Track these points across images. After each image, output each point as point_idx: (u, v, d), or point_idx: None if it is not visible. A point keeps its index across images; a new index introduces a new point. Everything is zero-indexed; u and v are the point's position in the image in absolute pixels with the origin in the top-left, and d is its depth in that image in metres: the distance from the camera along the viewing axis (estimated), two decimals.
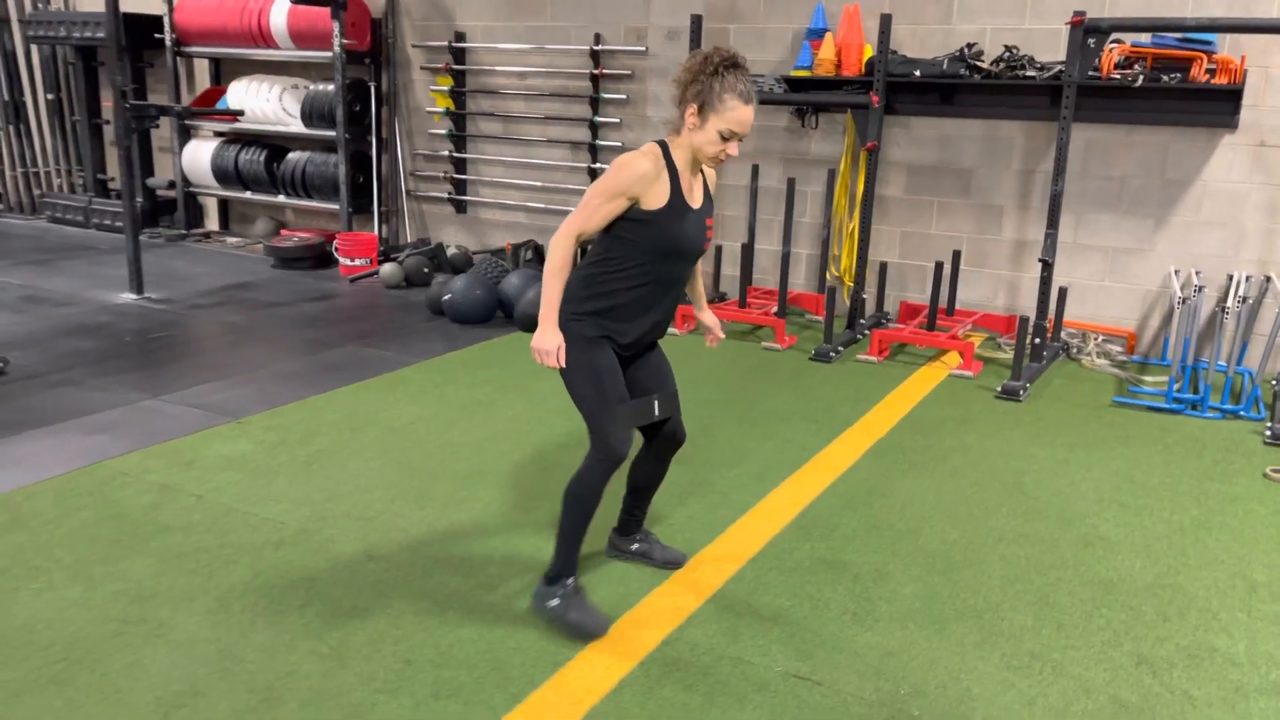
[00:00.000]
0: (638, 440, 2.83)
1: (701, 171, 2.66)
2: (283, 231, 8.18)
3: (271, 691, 2.38)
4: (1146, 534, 3.41)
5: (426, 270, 7.02)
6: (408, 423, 4.24)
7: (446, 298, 6.01)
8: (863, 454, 4.07)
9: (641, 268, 2.57)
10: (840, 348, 5.54)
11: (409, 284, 6.96)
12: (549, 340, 2.54)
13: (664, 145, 2.57)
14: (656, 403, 2.72)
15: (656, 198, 2.51)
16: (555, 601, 2.67)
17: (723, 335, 3.02)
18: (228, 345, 5.42)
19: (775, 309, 5.89)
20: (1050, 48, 5.56)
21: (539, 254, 7.13)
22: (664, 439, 2.86)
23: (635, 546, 3.06)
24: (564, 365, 2.56)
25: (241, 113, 7.64)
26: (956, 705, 2.42)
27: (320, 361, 5.12)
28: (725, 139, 2.49)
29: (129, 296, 6.30)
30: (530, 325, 5.82)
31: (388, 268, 6.94)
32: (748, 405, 4.65)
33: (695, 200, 2.61)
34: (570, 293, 2.59)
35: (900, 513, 3.51)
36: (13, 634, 2.57)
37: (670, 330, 5.88)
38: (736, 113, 2.46)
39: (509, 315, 6.05)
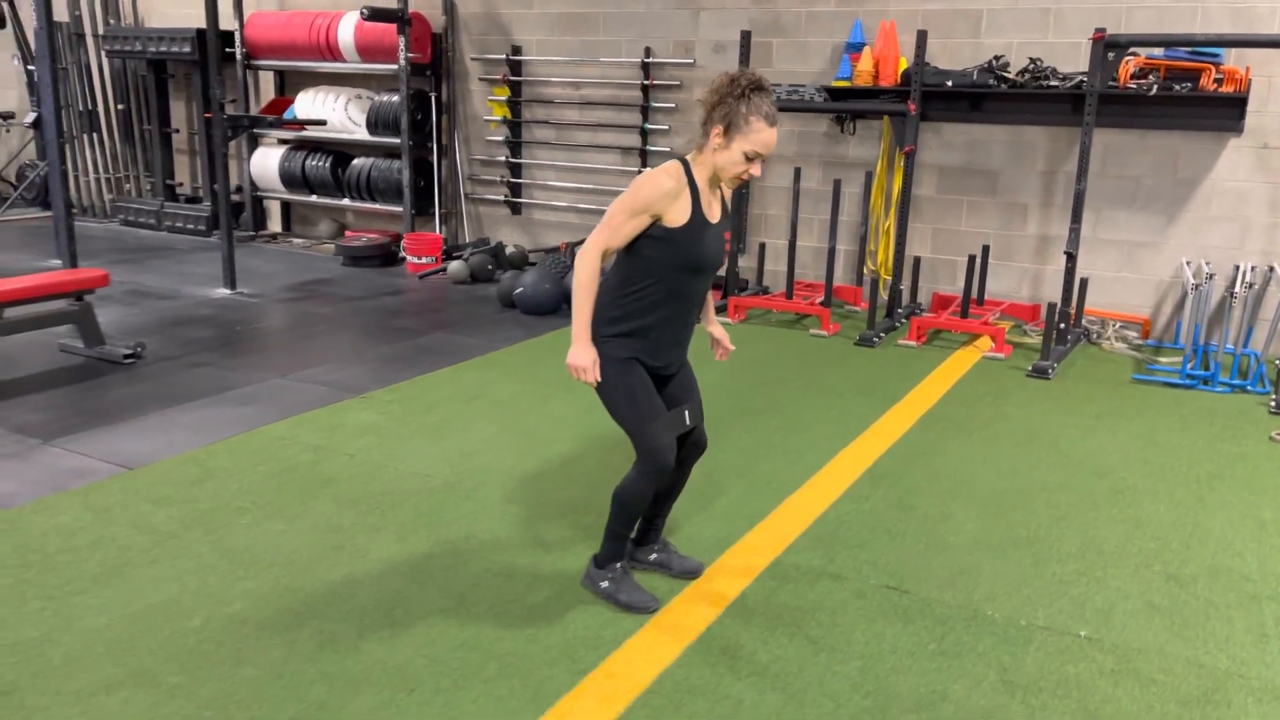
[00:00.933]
0: None
1: (720, 187, 2.73)
2: (347, 233, 8.73)
3: (463, 599, 2.92)
4: (1168, 484, 3.95)
5: (490, 267, 7.57)
6: (511, 396, 4.79)
7: (518, 291, 6.56)
8: (914, 422, 4.61)
9: (664, 284, 2.64)
10: (882, 334, 6.08)
11: (474, 280, 7.51)
12: (583, 356, 2.63)
13: (685, 163, 2.65)
14: (686, 412, 2.81)
15: (678, 215, 2.59)
16: (606, 583, 2.88)
17: (731, 348, 3.05)
18: (326, 333, 5.97)
19: (821, 299, 6.45)
20: (1071, 60, 6.11)
21: None
22: (690, 446, 2.92)
23: (653, 557, 3.09)
24: (600, 381, 2.66)
25: (323, 121, 8.19)
26: (1021, 607, 2.96)
27: (415, 347, 5.67)
28: (749, 159, 2.58)
29: (224, 291, 6.86)
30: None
31: (455, 265, 7.49)
32: (806, 382, 5.19)
33: (714, 216, 2.69)
34: (598, 313, 2.66)
35: (954, 468, 4.05)
36: (241, 555, 3.11)
37: (722, 319, 6.46)
38: (762, 135, 2.56)
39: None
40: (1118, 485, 3.92)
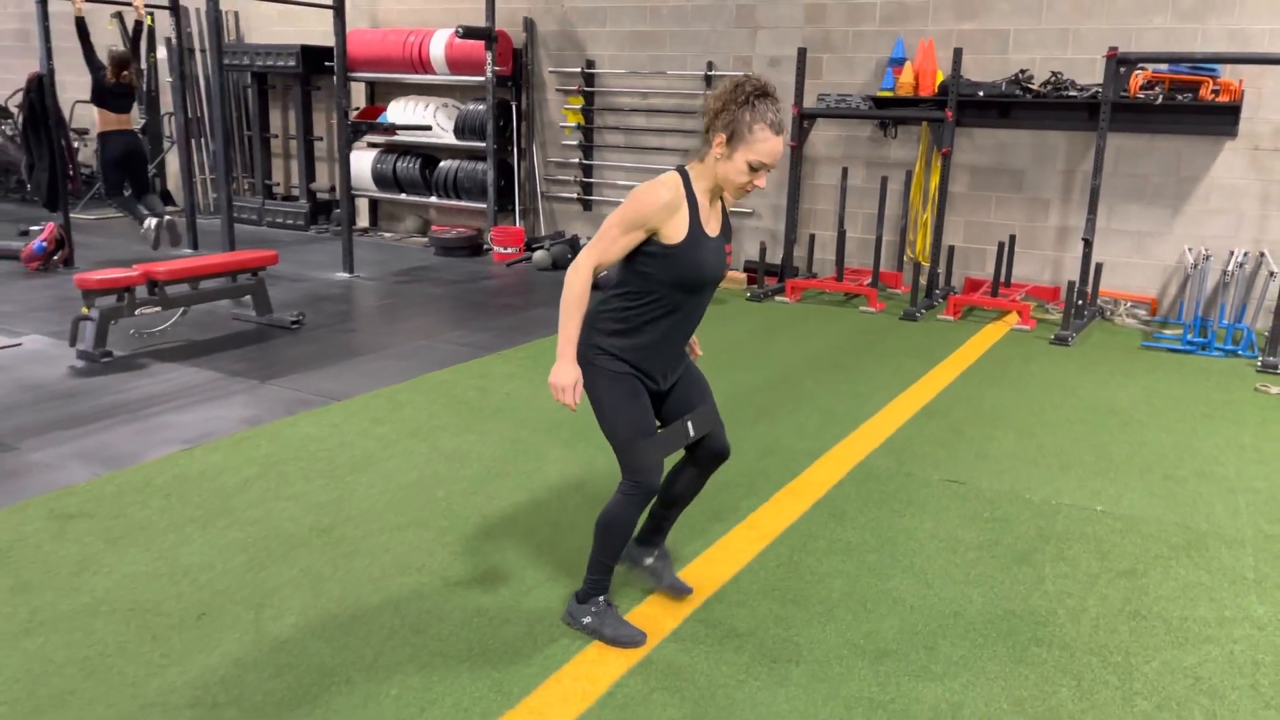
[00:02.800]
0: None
1: (721, 198, 2.59)
2: (433, 227, 9.72)
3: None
4: (1169, 420, 4.87)
5: (569, 256, 8.54)
6: None
7: (602, 274, 7.49)
8: (956, 376, 5.54)
9: (662, 300, 2.51)
10: (923, 310, 7.01)
11: (555, 267, 8.48)
12: (566, 375, 2.47)
13: (684, 173, 2.50)
14: (690, 424, 2.66)
15: (675, 230, 2.44)
16: (589, 619, 2.71)
17: (699, 352, 2.89)
18: (445, 308, 6.94)
19: (869, 280, 7.39)
20: (1088, 73, 7.04)
21: None
22: (707, 453, 2.78)
23: (649, 562, 2.97)
24: (591, 395, 2.55)
25: (429, 127, 9.20)
26: (1051, 494, 3.88)
27: (523, 318, 6.63)
28: (754, 170, 2.42)
29: (344, 274, 7.85)
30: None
31: (540, 253, 8.46)
32: (862, 348, 6.13)
33: (713, 229, 2.55)
34: (593, 325, 2.54)
35: (992, 407, 4.98)
36: (453, 455, 4.07)
37: (780, 299, 7.41)
38: (767, 144, 2.39)
39: None
40: (1127, 419, 4.84)
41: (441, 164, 9.61)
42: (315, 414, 4.52)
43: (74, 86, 11.96)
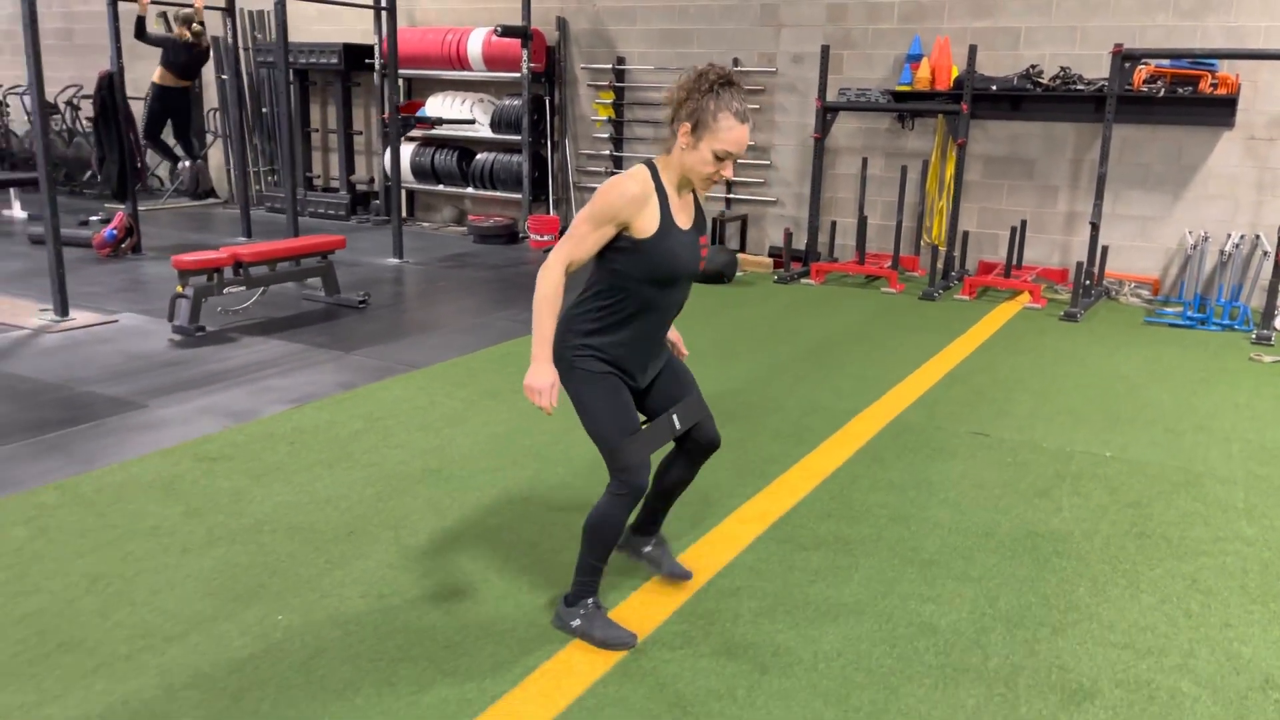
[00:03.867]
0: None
1: (692, 190, 2.57)
2: (470, 216, 10.20)
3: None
4: (1170, 384, 5.36)
5: None
6: (677, 325, 6.24)
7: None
8: (975, 348, 6.03)
9: (636, 296, 2.48)
10: (940, 290, 7.50)
11: None
12: (542, 378, 2.43)
13: (652, 166, 2.48)
14: (675, 417, 2.64)
15: (646, 223, 2.41)
16: (578, 621, 2.67)
17: (686, 353, 2.93)
18: (493, 290, 7.43)
19: (889, 263, 7.88)
20: (1094, 68, 7.51)
21: None
22: (696, 444, 2.77)
23: (648, 550, 3.00)
24: (553, 407, 2.46)
25: (473, 121, 9.70)
26: (1065, 443, 4.37)
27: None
28: (719, 159, 2.40)
29: (394, 260, 8.34)
30: (709, 279, 7.82)
31: None
32: (885, 324, 6.62)
33: (685, 221, 2.52)
34: (569, 326, 2.51)
35: (1009, 374, 5.47)
36: (531, 413, 4.56)
37: (806, 281, 7.91)
38: (732, 132, 2.37)
39: None
40: (1132, 384, 5.33)
41: (478, 156, 10.10)
42: (401, 379, 5.01)
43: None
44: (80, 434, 4.13)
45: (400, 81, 10.71)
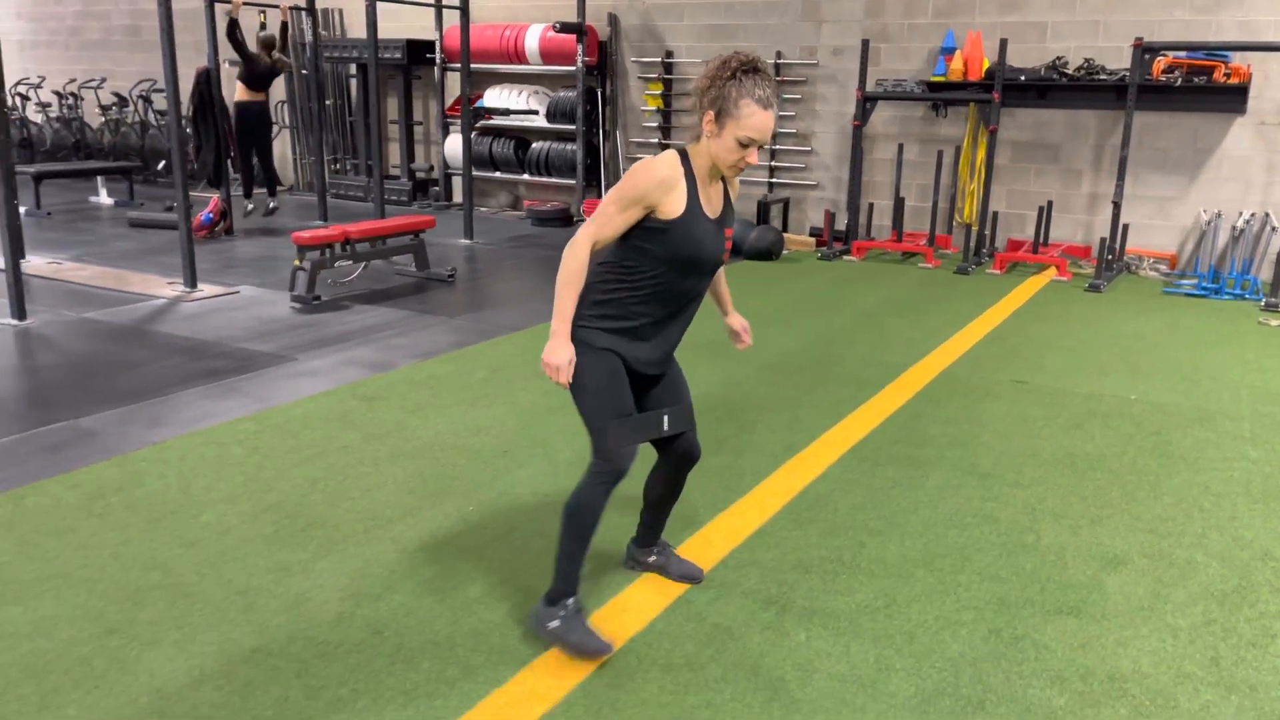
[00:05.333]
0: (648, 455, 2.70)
1: (723, 179, 2.55)
2: (525, 202, 10.87)
3: (773, 380, 5.02)
4: (1186, 343, 6.00)
5: None
6: (735, 298, 6.89)
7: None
8: (1008, 316, 6.67)
9: (656, 279, 2.46)
10: (973, 266, 8.14)
11: None
12: (559, 354, 2.44)
13: (683, 153, 2.47)
14: (666, 417, 2.63)
15: (673, 206, 2.40)
16: (555, 623, 2.59)
17: (750, 341, 2.97)
18: None
19: (925, 241, 8.52)
20: (1116, 59, 8.12)
21: None
22: (677, 455, 2.77)
23: (652, 559, 3.01)
24: (570, 383, 2.48)
25: (536, 112, 10.38)
26: (1094, 388, 5.02)
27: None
28: (744, 146, 2.38)
29: (465, 240, 9.03)
30: (758, 255, 8.48)
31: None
32: (923, 296, 7.27)
33: (713, 210, 2.50)
34: (584, 301, 2.49)
35: (1041, 336, 6.11)
36: None
37: (848, 258, 8.55)
38: (755, 119, 2.34)
39: (732, 252, 8.69)
40: (1152, 343, 5.97)
41: (533, 145, 10.77)
42: (505, 339, 5.70)
43: (183, 78, 13.14)
44: (250, 379, 4.83)
45: (459, 75, 11.38)
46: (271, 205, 9.67)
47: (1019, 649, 2.67)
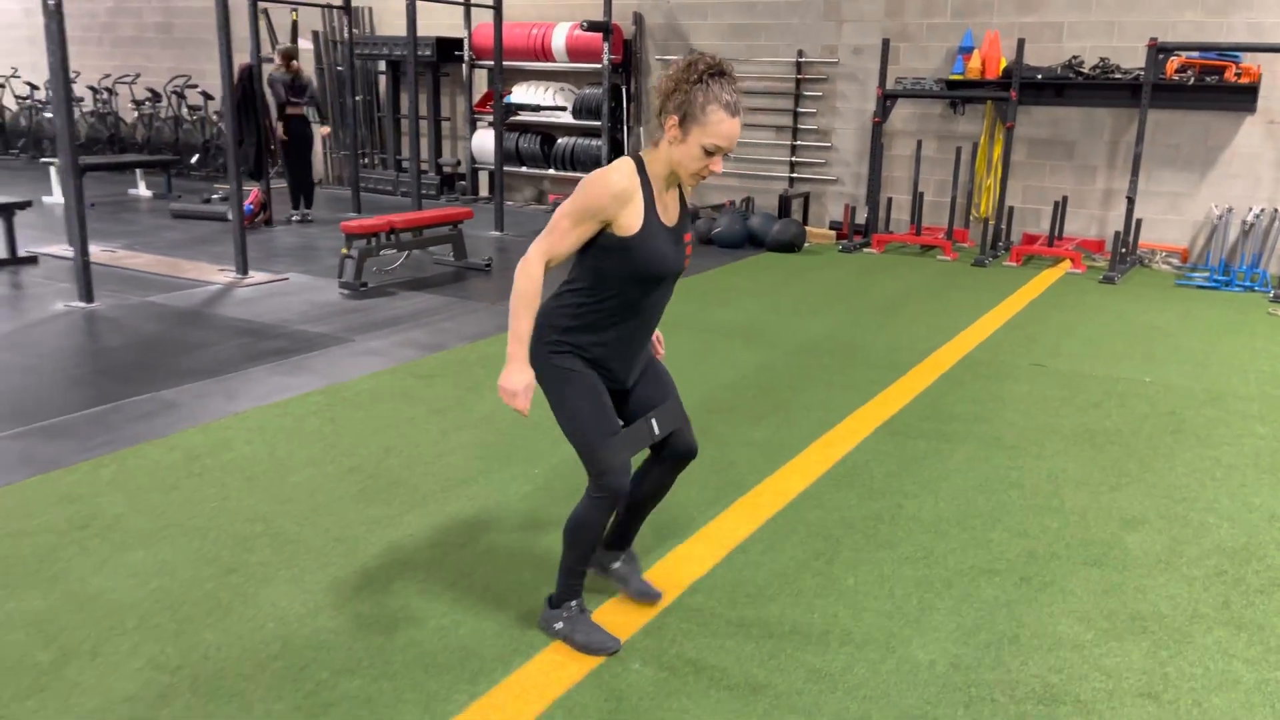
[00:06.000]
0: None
1: (679, 186, 2.45)
2: (550, 196, 11.15)
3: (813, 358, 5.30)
4: (1197, 332, 6.25)
5: None
6: (763, 287, 7.19)
7: (716, 230, 8.95)
8: (1028, 304, 6.93)
9: (619, 296, 2.39)
10: (989, 258, 8.40)
11: None
12: (516, 379, 2.34)
13: (639, 160, 2.36)
14: (655, 422, 2.57)
15: (629, 220, 2.30)
16: (560, 625, 2.60)
17: (663, 352, 2.83)
18: None
19: (943, 234, 8.78)
20: (1130, 59, 8.37)
21: (749, 205, 10.03)
22: (673, 452, 2.67)
23: (616, 566, 2.89)
24: (549, 395, 2.43)
25: (564, 108, 10.65)
26: (1110, 372, 5.28)
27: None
28: (709, 154, 2.28)
29: (495, 232, 9.31)
30: (781, 247, 8.75)
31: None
32: (944, 285, 7.53)
33: (670, 219, 2.41)
34: (547, 320, 2.43)
35: (1058, 324, 6.38)
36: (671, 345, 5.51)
37: (868, 250, 8.82)
38: (722, 125, 2.25)
39: (755, 243, 8.97)
40: (1164, 332, 6.23)
41: (559, 140, 11.05)
42: None
43: (215, 75, 13.44)
44: (313, 358, 5.12)
45: (486, 72, 11.68)
46: (302, 215, 9.79)
47: (1048, 594, 2.94)
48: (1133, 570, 3.10)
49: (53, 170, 10.15)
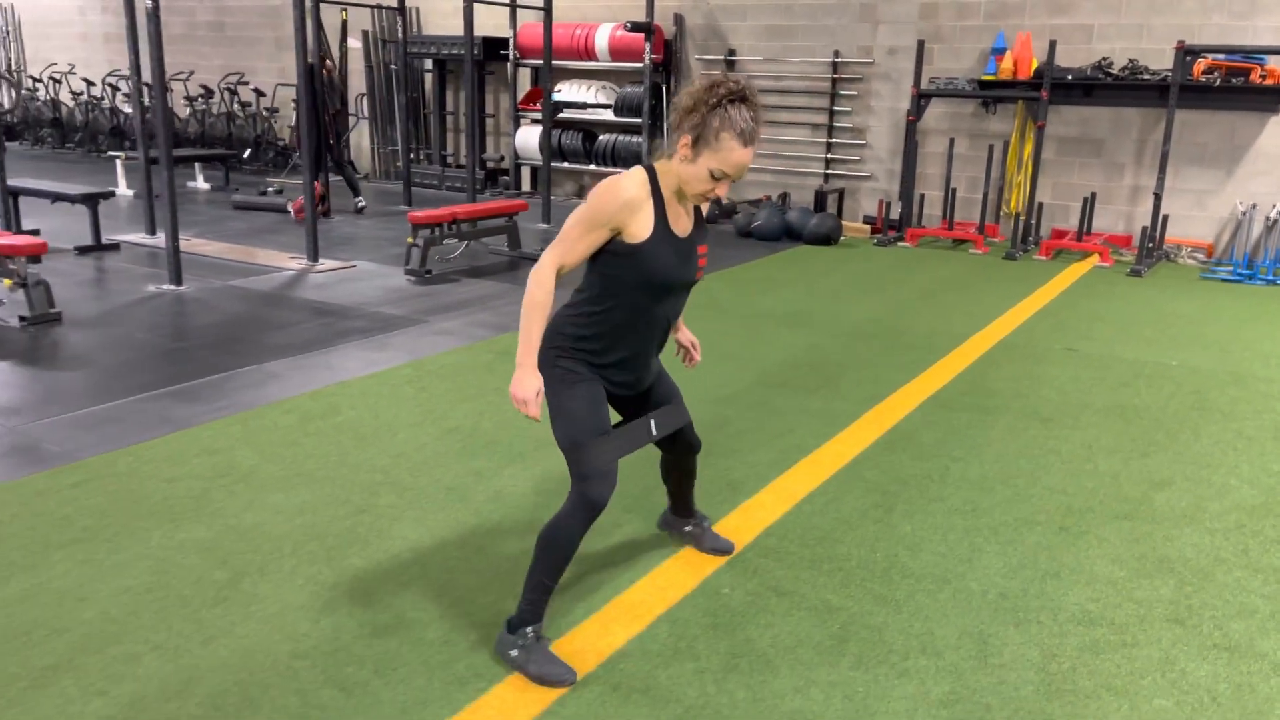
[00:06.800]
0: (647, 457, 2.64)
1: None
2: (589, 192, 11.53)
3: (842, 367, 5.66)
4: (1222, 320, 6.57)
5: (716, 211, 10.34)
6: (804, 277, 7.55)
7: (756, 224, 9.31)
8: (1058, 294, 7.26)
9: (627, 305, 2.40)
10: (1020, 252, 8.72)
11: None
12: (526, 386, 2.34)
13: (651, 170, 2.38)
14: (653, 422, 2.60)
15: (640, 228, 2.32)
16: (515, 653, 2.49)
17: (699, 358, 2.88)
18: None
19: (975, 229, 9.12)
20: (1158, 61, 8.67)
21: (785, 200, 10.39)
22: (676, 449, 2.81)
23: (688, 529, 3.11)
24: (539, 415, 2.37)
25: (609, 106, 11.06)
26: (1138, 357, 5.62)
27: (709, 256, 8.42)
28: (716, 178, 2.28)
29: (543, 225, 9.72)
30: (814, 241, 9.11)
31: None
32: (978, 277, 7.87)
33: (683, 229, 2.42)
34: (557, 327, 2.45)
35: (1088, 313, 6.71)
36: (718, 330, 5.89)
37: (902, 244, 9.16)
38: (733, 154, 2.24)
39: (792, 236, 9.32)
40: (1190, 320, 6.55)
41: (600, 137, 11.45)
42: None
43: (265, 72, 13.97)
44: (394, 336, 5.54)
45: (528, 70, 12.09)
46: (356, 206, 10.35)
47: (1085, 540, 3.31)
48: (1161, 523, 3.46)
49: (119, 163, 10.64)
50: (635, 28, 10.40)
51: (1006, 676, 2.53)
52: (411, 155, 12.82)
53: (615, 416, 2.64)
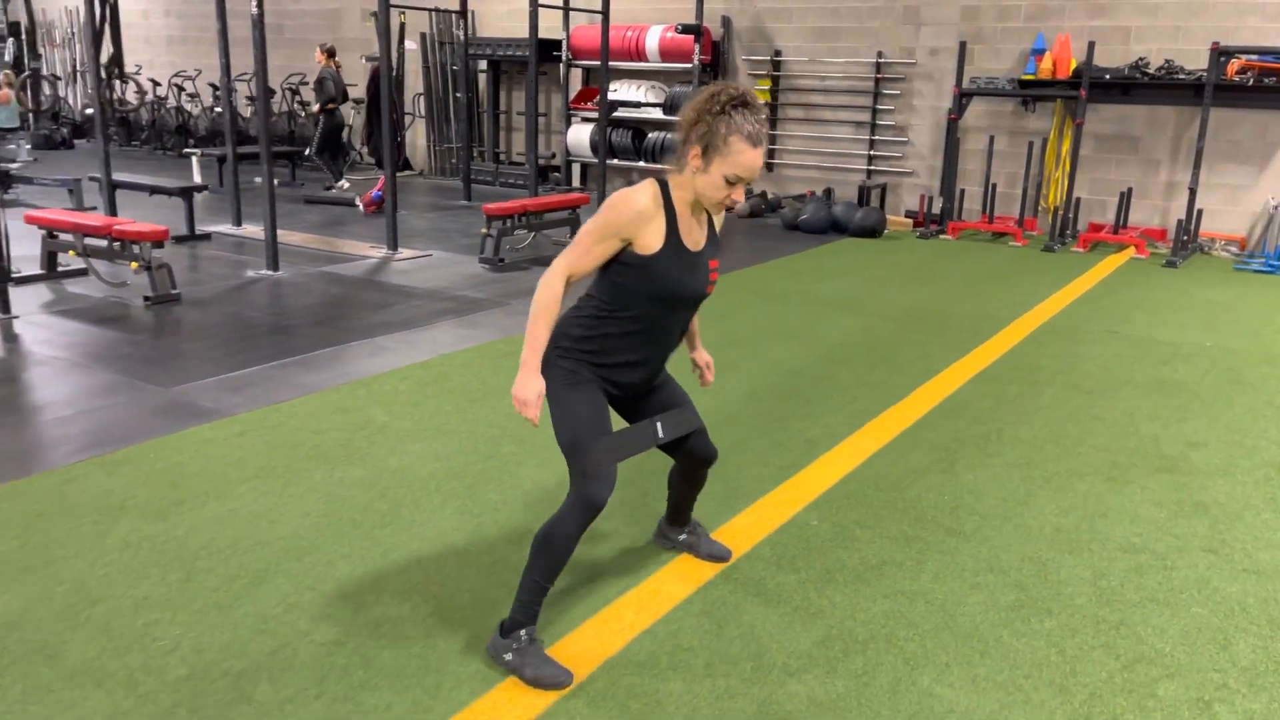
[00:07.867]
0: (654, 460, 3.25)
1: (706, 212, 2.50)
2: None
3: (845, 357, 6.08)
4: (1255, 308, 6.92)
5: (763, 206, 10.78)
6: (852, 267, 7.97)
7: (803, 218, 9.73)
8: (1096, 283, 7.64)
9: (635, 315, 2.44)
10: (1058, 245, 9.08)
11: (752, 215, 10.71)
12: (528, 388, 2.36)
13: (663, 184, 2.41)
14: (660, 424, 2.60)
15: (650, 239, 2.36)
16: (510, 656, 2.47)
17: (711, 379, 2.91)
18: None
19: (1014, 222, 9.49)
20: (1193, 61, 9.00)
21: (830, 195, 10.80)
22: (690, 458, 2.78)
23: (683, 538, 3.09)
24: (539, 418, 2.39)
25: (660, 105, 11.53)
26: (1173, 338, 5.99)
27: (761, 248, 8.88)
28: (730, 183, 2.33)
29: None
30: (859, 233, 9.52)
31: (743, 204, 10.70)
32: (1016, 268, 8.25)
33: (696, 243, 2.45)
34: (562, 329, 2.47)
35: (1126, 300, 7.08)
36: (781, 315, 6.33)
37: (944, 237, 9.57)
38: (743, 156, 2.30)
39: (838, 229, 9.74)
40: (1224, 308, 6.91)
41: (649, 135, 11.91)
42: None
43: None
44: (479, 317, 6.02)
45: (580, 71, 12.57)
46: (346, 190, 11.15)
47: (1129, 489, 3.72)
48: (1197, 476, 3.86)
49: (194, 160, 11.22)
50: (686, 30, 10.85)
51: (1063, 590, 2.96)
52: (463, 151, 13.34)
53: (620, 423, 2.65)
